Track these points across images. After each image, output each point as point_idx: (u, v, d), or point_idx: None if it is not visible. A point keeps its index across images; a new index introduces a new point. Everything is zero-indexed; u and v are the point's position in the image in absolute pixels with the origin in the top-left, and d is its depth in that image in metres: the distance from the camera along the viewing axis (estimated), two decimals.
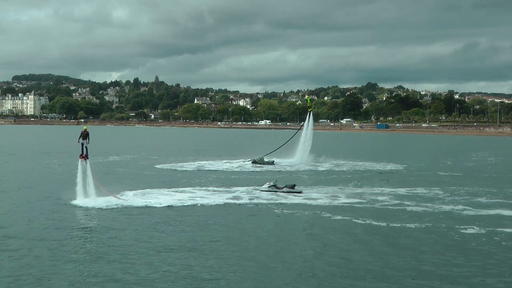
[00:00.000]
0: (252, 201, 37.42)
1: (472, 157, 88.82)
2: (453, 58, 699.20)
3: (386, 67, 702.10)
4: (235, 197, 38.82)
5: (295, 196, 39.67)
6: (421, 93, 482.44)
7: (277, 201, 37.29)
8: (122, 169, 59.76)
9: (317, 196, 39.81)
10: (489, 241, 26.28)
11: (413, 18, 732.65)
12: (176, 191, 41.11)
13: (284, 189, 41.09)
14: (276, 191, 40.59)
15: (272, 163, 66.66)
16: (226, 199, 38.03)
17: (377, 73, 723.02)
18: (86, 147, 35.71)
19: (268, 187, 41.32)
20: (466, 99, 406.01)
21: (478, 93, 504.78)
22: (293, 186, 41.89)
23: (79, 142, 36.06)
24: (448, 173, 60.33)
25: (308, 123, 76.15)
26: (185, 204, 35.45)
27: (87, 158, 35.66)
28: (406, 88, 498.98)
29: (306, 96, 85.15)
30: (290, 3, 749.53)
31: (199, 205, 35.47)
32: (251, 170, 61.18)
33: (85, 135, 35.84)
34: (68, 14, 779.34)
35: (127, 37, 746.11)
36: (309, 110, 78.94)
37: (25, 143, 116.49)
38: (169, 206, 34.69)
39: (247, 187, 43.84)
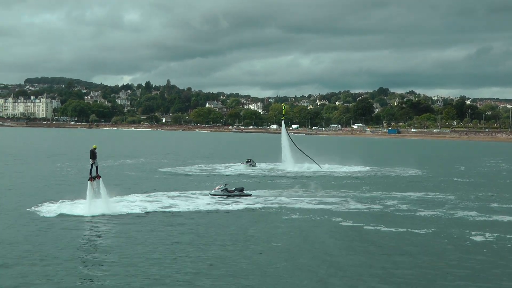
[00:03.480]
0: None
1: (485, 163, 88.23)
2: (466, 63, 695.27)
3: (398, 72, 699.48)
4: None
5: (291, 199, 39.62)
6: (433, 98, 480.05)
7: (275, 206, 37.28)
8: (133, 173, 60.02)
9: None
10: (501, 248, 26.03)
11: (427, 23, 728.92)
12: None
13: (236, 192, 40.80)
14: (229, 195, 40.25)
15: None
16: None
17: (389, 78, 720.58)
18: (96, 166, 34.34)
19: (221, 190, 40.80)
20: (478, 105, 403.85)
21: (490, 98, 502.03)
22: (242, 189, 41.71)
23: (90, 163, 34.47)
24: (461, 179, 59.93)
25: (286, 131, 73.56)
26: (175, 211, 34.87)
27: (100, 177, 34.28)
28: (417, 93, 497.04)
29: (283, 104, 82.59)
30: (304, 7, 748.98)
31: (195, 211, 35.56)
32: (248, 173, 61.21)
33: (94, 154, 34.43)
34: (80, 18, 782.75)
35: (139, 40, 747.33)
36: (282, 118, 77.31)
37: (37, 146, 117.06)
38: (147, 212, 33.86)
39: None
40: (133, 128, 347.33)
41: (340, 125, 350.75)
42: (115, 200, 36.36)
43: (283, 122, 75.17)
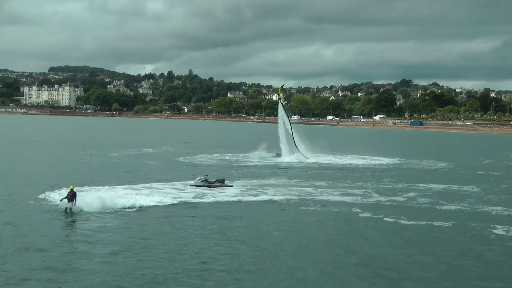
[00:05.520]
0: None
1: (510, 156, 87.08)
2: (491, 55, 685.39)
3: (422, 64, 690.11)
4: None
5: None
6: (456, 90, 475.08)
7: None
8: (153, 162, 60.33)
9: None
10: None
11: (452, 14, 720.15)
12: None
13: (216, 184, 40.12)
14: (209, 186, 39.51)
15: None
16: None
17: (413, 69, 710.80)
18: (71, 210, 29.08)
19: (201, 181, 40.09)
20: (502, 97, 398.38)
21: None
22: (223, 180, 41.13)
23: (61, 201, 29.85)
24: (486, 172, 59.20)
25: (282, 115, 70.26)
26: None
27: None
28: (441, 85, 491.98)
29: (283, 84, 75.87)
30: None
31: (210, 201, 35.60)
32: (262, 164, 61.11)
33: (71, 196, 29.32)
34: (103, 6, 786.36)
35: (161, 29, 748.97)
36: (278, 98, 72.42)
37: (61, 133, 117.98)
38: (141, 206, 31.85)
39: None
40: (157, 118, 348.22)
41: (362, 117, 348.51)
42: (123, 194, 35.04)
43: (279, 103, 71.60)
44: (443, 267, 21.30)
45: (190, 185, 40.11)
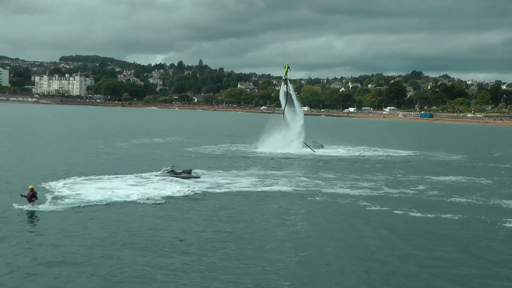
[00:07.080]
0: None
1: None
2: (504, 48, 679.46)
3: (433, 56, 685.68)
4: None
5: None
6: (467, 82, 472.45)
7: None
8: (159, 152, 60.32)
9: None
10: None
11: (464, 6, 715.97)
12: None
13: (183, 175, 39.19)
14: (176, 177, 38.69)
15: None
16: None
17: (424, 61, 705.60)
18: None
19: (167, 172, 39.31)
20: None
21: None
22: (189, 171, 40.15)
23: (21, 196, 27.07)
24: (497, 164, 58.87)
25: (286, 99, 66.12)
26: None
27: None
28: (452, 77, 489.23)
29: (287, 64, 67.47)
30: None
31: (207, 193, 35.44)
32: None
33: (30, 196, 26.79)
34: None
35: (172, 20, 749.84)
36: (284, 78, 68.58)
37: (73, 123, 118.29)
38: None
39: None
40: (166, 108, 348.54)
41: (372, 108, 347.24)
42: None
43: (282, 85, 68.09)
44: (449, 263, 21.11)
45: (156, 175, 39.23)
